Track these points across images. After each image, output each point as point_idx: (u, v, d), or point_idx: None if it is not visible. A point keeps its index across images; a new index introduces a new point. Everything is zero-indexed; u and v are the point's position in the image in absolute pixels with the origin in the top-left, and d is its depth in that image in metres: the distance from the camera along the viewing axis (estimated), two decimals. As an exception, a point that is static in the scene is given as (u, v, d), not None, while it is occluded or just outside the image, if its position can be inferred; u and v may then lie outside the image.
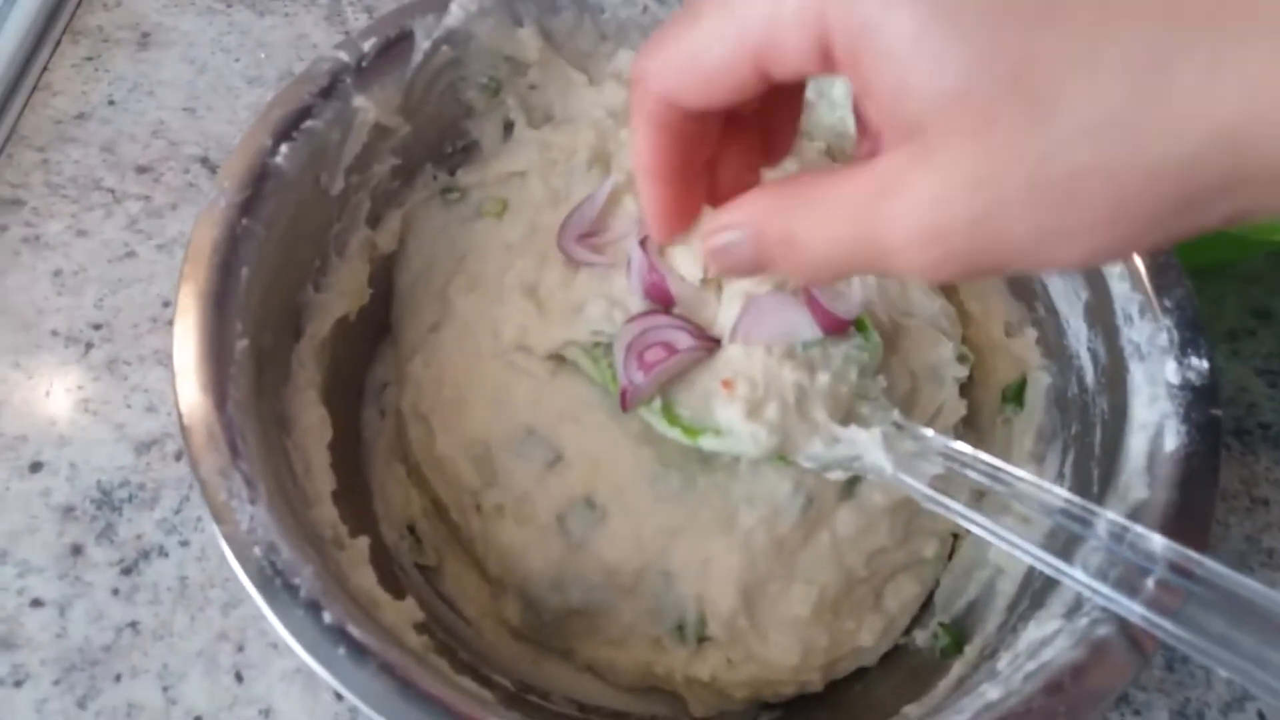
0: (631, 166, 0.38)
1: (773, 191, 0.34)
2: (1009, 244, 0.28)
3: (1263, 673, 0.35)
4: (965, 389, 0.55)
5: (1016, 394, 0.55)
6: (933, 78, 0.27)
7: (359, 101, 0.51)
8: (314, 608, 0.37)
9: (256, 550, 0.38)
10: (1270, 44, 0.24)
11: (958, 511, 0.43)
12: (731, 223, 0.35)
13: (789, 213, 0.33)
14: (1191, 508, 0.42)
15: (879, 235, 0.29)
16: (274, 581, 0.37)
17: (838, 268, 0.33)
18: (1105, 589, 0.39)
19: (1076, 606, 0.42)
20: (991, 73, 0.26)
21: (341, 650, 0.36)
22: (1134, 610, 0.38)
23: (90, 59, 0.73)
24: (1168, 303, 0.48)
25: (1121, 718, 0.55)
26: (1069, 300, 0.52)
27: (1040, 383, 0.54)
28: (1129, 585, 0.39)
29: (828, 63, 0.29)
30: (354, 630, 0.37)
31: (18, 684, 0.51)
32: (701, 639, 0.49)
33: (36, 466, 0.57)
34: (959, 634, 0.50)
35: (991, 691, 0.40)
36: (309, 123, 0.50)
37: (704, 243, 0.36)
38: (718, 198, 0.39)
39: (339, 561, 0.42)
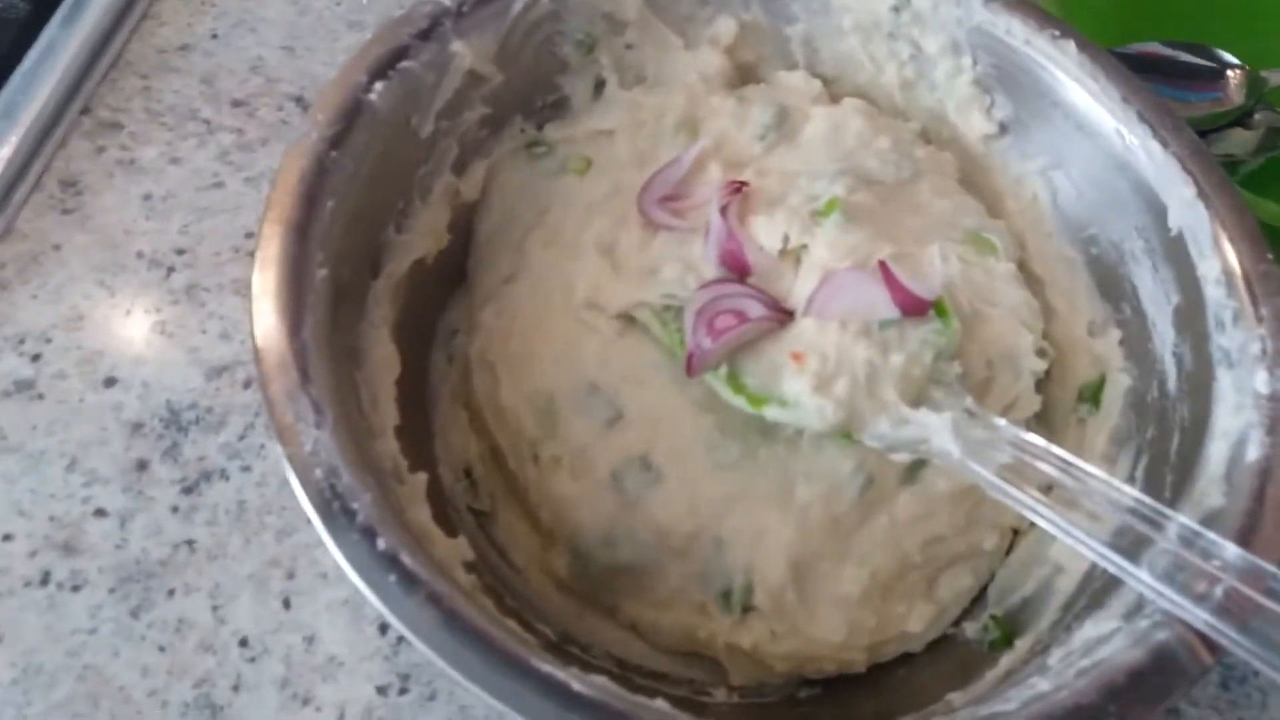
0: None
1: None
2: None
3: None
4: (1041, 385, 0.54)
5: (1094, 394, 0.53)
6: None
7: (456, 46, 0.52)
8: (369, 533, 0.37)
9: (318, 473, 0.38)
10: None
11: (1024, 502, 0.42)
12: None
13: None
14: (1270, 519, 0.41)
15: None
16: (332, 505, 0.38)
17: None
18: (1172, 592, 0.38)
19: (1137, 609, 0.41)
20: None
21: (392, 577, 0.37)
22: (1200, 616, 0.37)
23: (197, -8, 0.75)
24: (1265, 312, 0.46)
25: (1172, 735, 0.54)
26: (1158, 303, 0.51)
27: (1119, 385, 0.52)
28: (1196, 592, 0.38)
29: None
30: (406, 559, 0.37)
31: (75, 588, 0.53)
32: (747, 608, 0.49)
33: (111, 381, 0.59)
34: (1010, 628, 0.49)
35: (1041, 684, 0.39)
36: (405, 63, 0.50)
37: None
38: None
39: (397, 494, 0.43)
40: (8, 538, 0.53)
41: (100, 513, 0.55)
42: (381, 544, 0.37)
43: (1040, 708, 0.37)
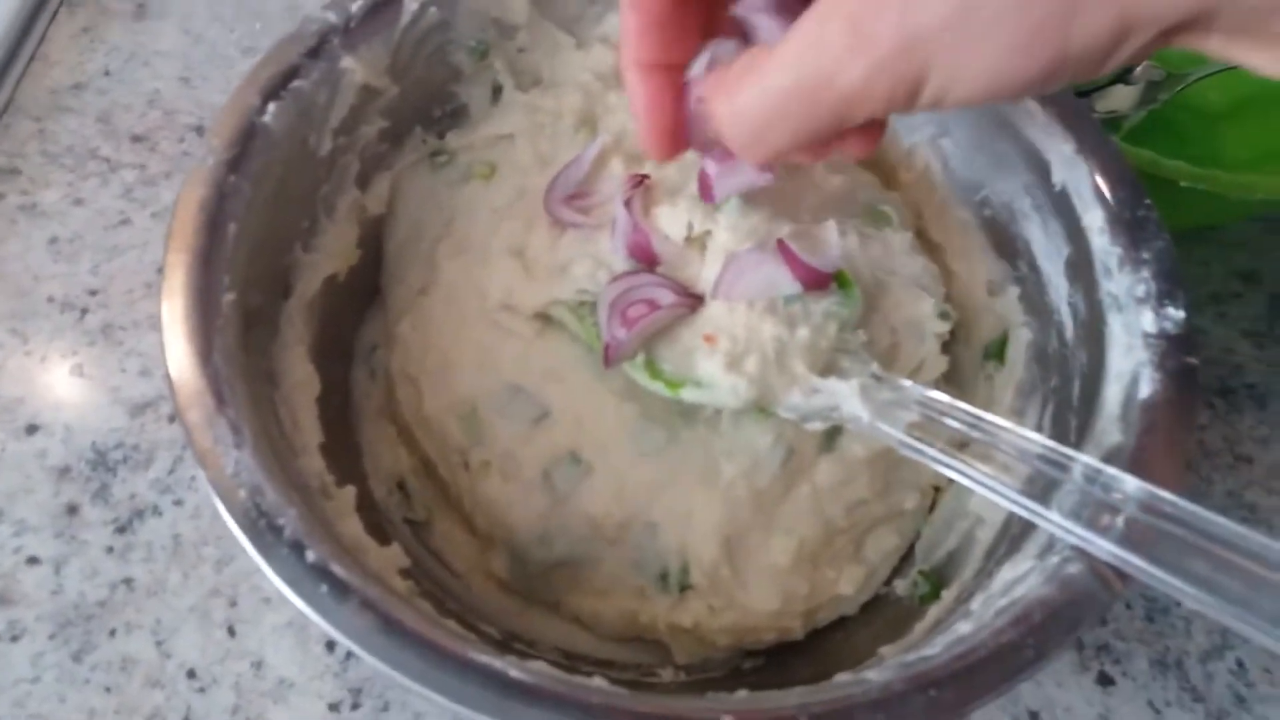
0: (620, 63, 0.41)
1: (715, 74, 0.38)
2: (927, 46, 0.30)
3: (1229, 604, 0.36)
4: (948, 346, 0.56)
5: (998, 350, 0.55)
6: None
7: (346, 62, 0.52)
8: (297, 547, 0.38)
9: (242, 493, 0.39)
10: None
11: (935, 457, 0.44)
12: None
13: (730, 85, 0.36)
14: (1164, 451, 0.43)
15: (821, 64, 0.33)
16: (258, 523, 0.38)
17: (790, 125, 0.35)
18: (1078, 528, 0.40)
19: (1049, 547, 0.42)
20: None
21: (324, 588, 0.37)
22: (1105, 548, 0.39)
23: (86, 30, 0.74)
24: (1145, 254, 0.48)
25: (1103, 666, 0.56)
26: (1050, 257, 0.53)
27: (1021, 339, 0.54)
28: (1101, 525, 0.39)
29: None
30: (336, 569, 0.38)
31: (14, 639, 0.52)
32: (684, 587, 0.50)
33: (32, 429, 0.58)
34: (938, 581, 0.51)
35: (964, 627, 0.40)
36: (296, 82, 0.50)
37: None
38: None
39: (325, 509, 0.43)
40: (-62, 595, 0.53)
41: (33, 560, 0.54)
42: (310, 556, 0.38)
43: (962, 649, 0.39)
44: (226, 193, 0.46)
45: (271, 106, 0.49)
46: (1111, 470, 0.41)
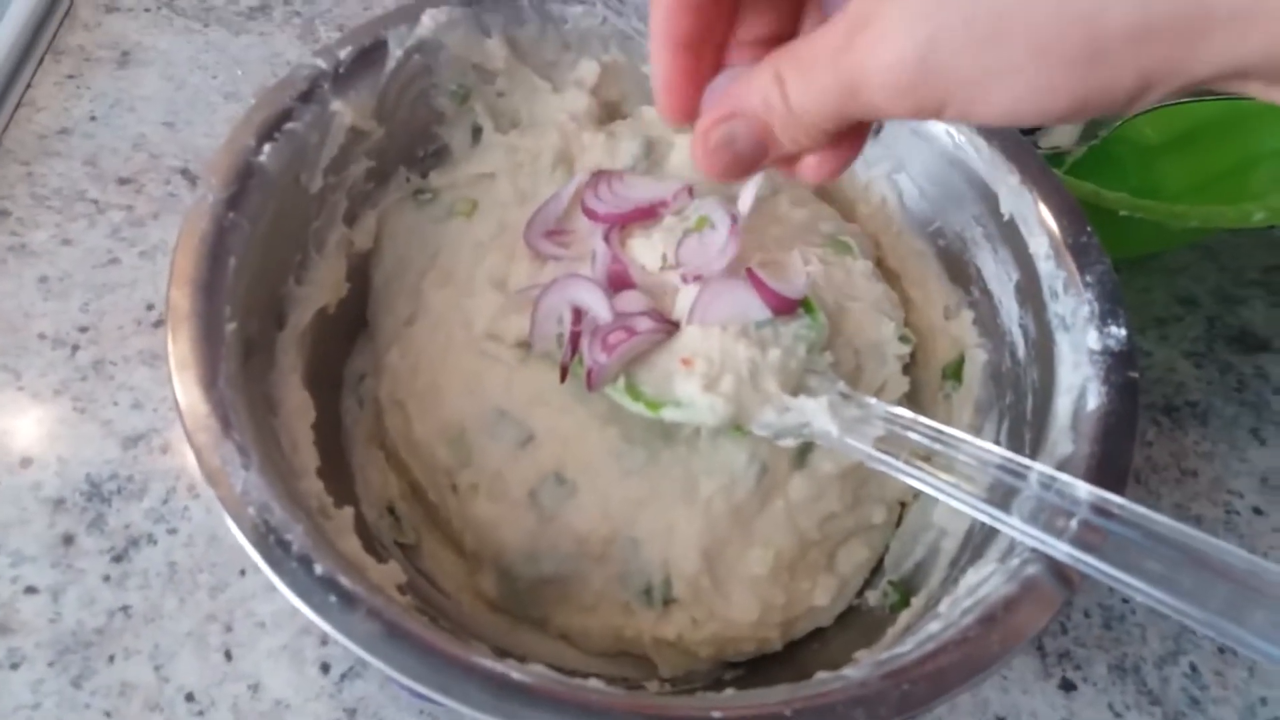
0: (650, 32, 0.41)
1: (759, 69, 0.37)
2: (949, 77, 0.31)
3: (1175, 598, 0.39)
4: (907, 369, 0.59)
5: (955, 371, 0.59)
6: None
7: (336, 106, 0.55)
8: (305, 561, 0.40)
9: (251, 510, 0.41)
10: None
11: (902, 469, 0.47)
12: (725, 115, 0.38)
13: (781, 78, 0.36)
14: (1111, 458, 0.46)
15: (853, 71, 0.33)
16: (268, 538, 0.40)
17: (826, 117, 0.36)
18: (1035, 532, 0.42)
19: (1010, 551, 0.45)
20: None
21: (332, 598, 0.39)
22: (1060, 549, 0.42)
23: (72, 77, 0.76)
24: (1089, 278, 0.52)
25: (1065, 673, 0.59)
26: (1001, 282, 0.57)
27: (977, 360, 0.58)
28: (1056, 528, 0.42)
29: None
30: (343, 580, 0.40)
31: (14, 666, 0.54)
32: (667, 601, 0.53)
33: (26, 461, 0.60)
34: (907, 591, 0.54)
35: (933, 626, 0.43)
36: (290, 124, 0.53)
37: (702, 144, 0.39)
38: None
39: (325, 528, 0.45)
40: (-64, 625, 0.54)
41: (31, 590, 0.56)
42: (319, 569, 0.40)
43: (932, 646, 0.42)
44: (226, 228, 0.49)
45: (267, 147, 0.52)
46: (1065, 477, 0.44)
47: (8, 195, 0.70)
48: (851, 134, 0.39)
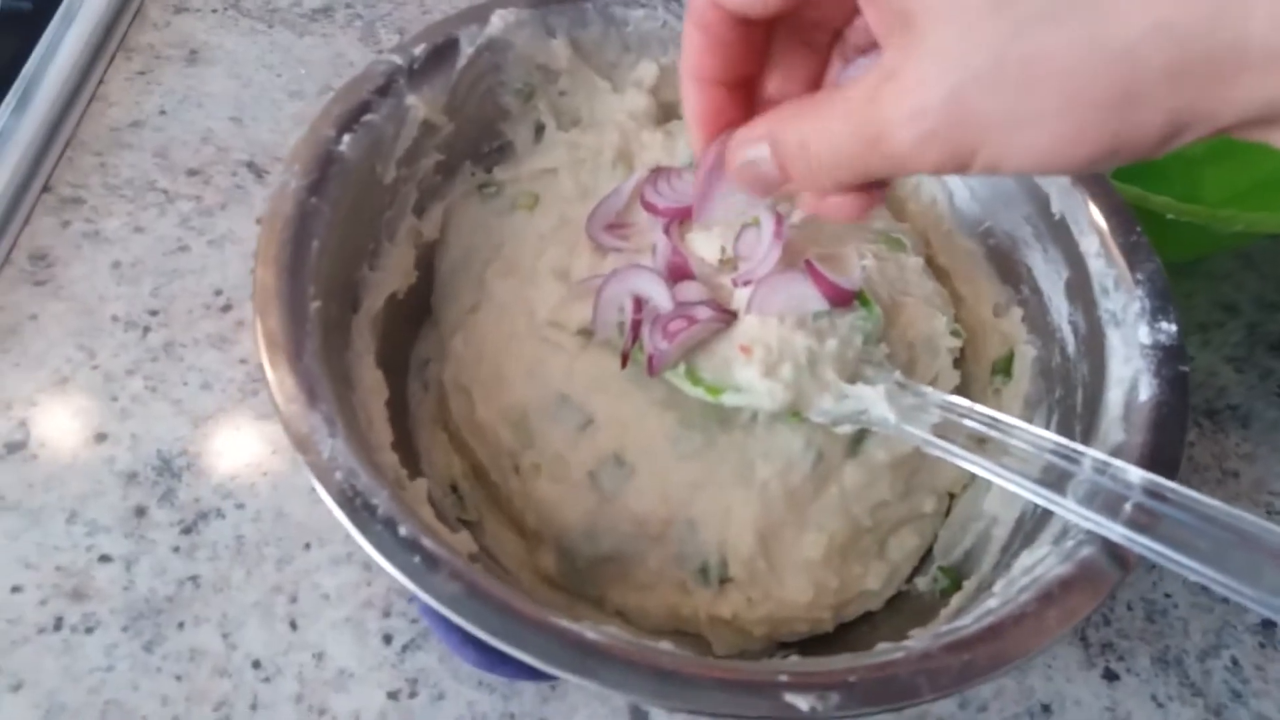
0: (680, 70, 0.42)
1: (787, 105, 0.39)
2: (978, 124, 0.31)
3: (1227, 576, 0.40)
4: (957, 363, 0.61)
5: (1005, 366, 0.60)
6: None
7: (411, 100, 0.57)
8: (390, 523, 0.42)
9: (338, 475, 0.42)
10: None
11: (959, 454, 0.48)
12: (752, 137, 0.39)
13: (801, 119, 0.37)
14: (1163, 447, 0.48)
15: (876, 122, 0.33)
16: (355, 501, 0.42)
17: (847, 167, 0.36)
18: (1090, 513, 0.44)
19: (1063, 534, 0.47)
20: None
21: (416, 559, 0.41)
22: (1115, 530, 0.43)
23: (142, 73, 0.79)
24: (1140, 275, 0.53)
25: (1108, 663, 0.60)
26: (1051, 280, 0.58)
27: (1026, 356, 0.59)
28: (1111, 510, 0.44)
29: None
30: (427, 542, 0.41)
31: (89, 630, 0.55)
32: (723, 580, 0.54)
33: (101, 437, 0.62)
34: (957, 576, 0.55)
35: (991, 603, 0.45)
36: (368, 116, 0.55)
37: (731, 154, 0.40)
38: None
39: (402, 498, 0.47)
40: (17, 589, 0.56)
41: (105, 558, 0.58)
42: (403, 531, 0.41)
43: (991, 621, 0.43)
44: (308, 212, 0.51)
45: (346, 137, 0.54)
46: (1118, 462, 0.45)
47: (82, 185, 0.72)
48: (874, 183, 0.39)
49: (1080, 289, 0.56)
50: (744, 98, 0.43)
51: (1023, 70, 0.30)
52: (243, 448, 0.62)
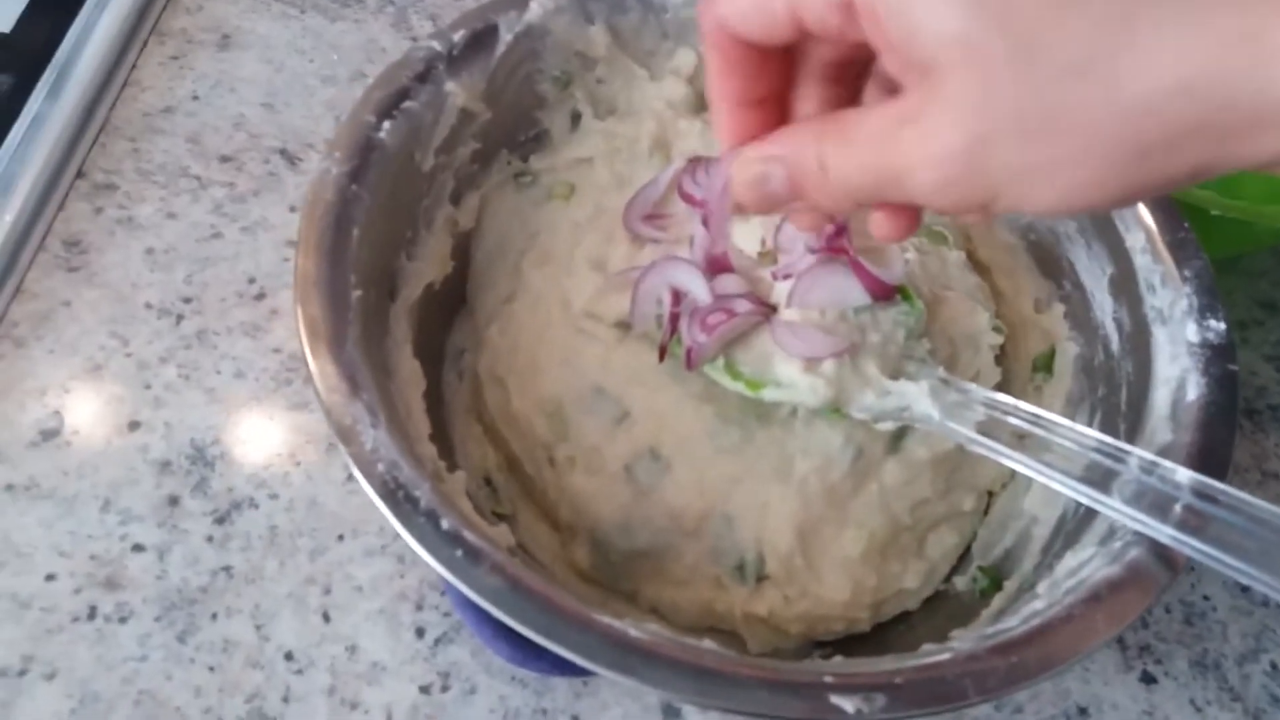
0: (707, 90, 0.41)
1: (807, 124, 0.39)
2: (998, 171, 0.32)
3: (1278, 579, 0.39)
4: (998, 360, 0.60)
5: (1046, 363, 0.59)
6: (937, 25, 0.31)
7: (450, 86, 0.56)
8: (432, 516, 0.41)
9: (380, 467, 0.42)
10: (1231, 8, 0.28)
11: (1003, 452, 0.47)
12: (768, 155, 0.39)
13: (823, 141, 0.37)
14: (1211, 446, 0.47)
15: (896, 161, 0.33)
16: (397, 494, 0.42)
17: (862, 193, 0.36)
18: (1139, 514, 0.43)
19: (1109, 535, 0.46)
20: (985, 19, 0.30)
21: (459, 552, 0.40)
22: (1164, 531, 0.42)
23: (175, 58, 0.78)
24: (1187, 272, 0.52)
25: (1146, 666, 0.59)
26: (1094, 276, 0.57)
27: (1068, 353, 0.59)
28: (1159, 510, 0.43)
29: (849, 14, 0.34)
30: (469, 535, 0.41)
31: (122, 620, 0.55)
32: (760, 577, 0.54)
33: (134, 425, 0.62)
34: (997, 576, 0.54)
35: (1036, 604, 0.44)
36: (407, 103, 0.54)
37: (736, 176, 0.40)
38: None
39: (441, 490, 0.46)
40: (51, 578, 0.56)
41: (138, 548, 0.57)
42: (445, 524, 0.41)
43: (1038, 622, 0.42)
44: (349, 199, 0.50)
45: (386, 124, 0.53)
46: (1166, 463, 0.44)
47: (115, 170, 0.72)
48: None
49: (1125, 285, 0.55)
50: (776, 114, 0.41)
51: (1045, 123, 0.30)
52: (276, 437, 0.62)
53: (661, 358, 0.54)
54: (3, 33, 0.74)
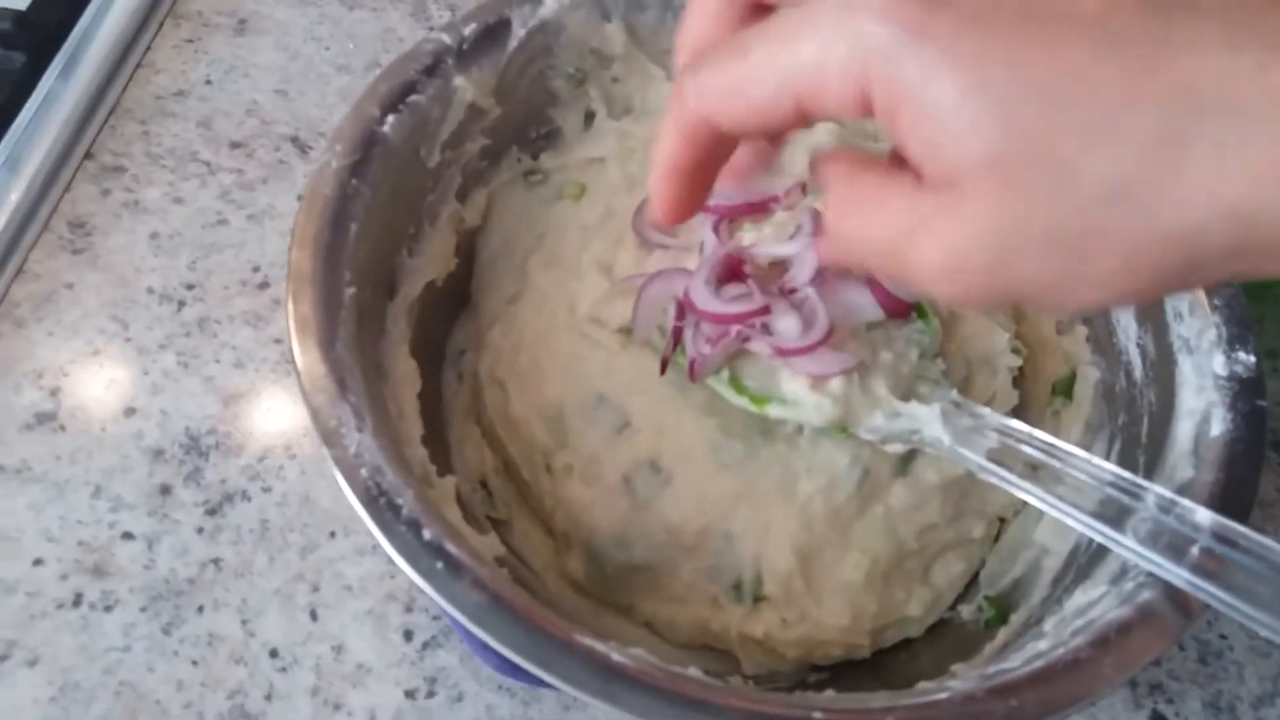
0: (653, 158, 0.39)
1: (837, 186, 0.36)
2: (1025, 286, 0.30)
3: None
4: (1016, 382, 0.58)
5: (1066, 387, 0.57)
6: (967, 143, 0.29)
7: (458, 81, 0.55)
8: (414, 525, 0.40)
9: (363, 472, 0.41)
10: (1274, 131, 0.27)
11: (1014, 482, 0.46)
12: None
13: (845, 216, 0.35)
14: (1235, 486, 0.45)
15: (909, 257, 0.32)
16: (379, 500, 0.40)
17: (868, 267, 0.36)
18: (1154, 555, 0.41)
19: (1122, 574, 0.44)
20: (1020, 143, 0.28)
21: (440, 564, 0.39)
22: (1180, 574, 0.40)
23: (190, 41, 0.78)
24: (1217, 301, 0.50)
25: (1156, 705, 0.57)
26: (1119, 300, 0.55)
27: (1089, 377, 0.56)
28: (1176, 552, 0.41)
29: (866, 110, 0.31)
30: (451, 547, 0.40)
31: (108, 608, 0.54)
32: (758, 598, 0.52)
33: (130, 411, 0.61)
34: (1004, 607, 0.52)
35: (1040, 645, 0.42)
36: (413, 97, 0.53)
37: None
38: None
39: (429, 496, 0.45)
40: (38, 563, 0.55)
41: (127, 536, 0.57)
42: (427, 534, 0.40)
43: (1041, 664, 0.40)
44: (349, 194, 0.49)
45: (390, 118, 0.52)
46: (1185, 501, 0.42)
47: (124, 152, 0.71)
48: None
49: (1151, 311, 0.53)
50: (707, 182, 0.40)
51: (1080, 244, 0.29)
52: (272, 430, 0.61)
53: (663, 371, 0.52)
54: (19, 10, 0.73)
